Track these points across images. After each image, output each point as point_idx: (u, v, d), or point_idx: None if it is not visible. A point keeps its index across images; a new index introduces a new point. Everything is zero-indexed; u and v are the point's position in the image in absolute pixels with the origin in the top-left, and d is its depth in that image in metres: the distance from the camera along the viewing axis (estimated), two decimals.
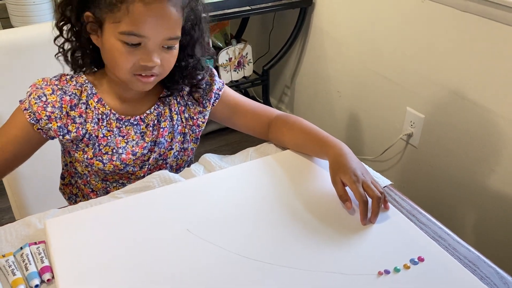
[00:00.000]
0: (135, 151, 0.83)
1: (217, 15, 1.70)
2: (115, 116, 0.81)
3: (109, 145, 0.81)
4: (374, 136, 1.74)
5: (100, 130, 0.80)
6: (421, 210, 0.76)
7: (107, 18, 0.72)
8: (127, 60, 0.72)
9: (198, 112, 0.87)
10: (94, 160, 0.81)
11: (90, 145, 0.80)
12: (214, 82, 0.88)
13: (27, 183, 1.03)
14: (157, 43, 0.72)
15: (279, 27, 2.12)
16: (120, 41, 0.71)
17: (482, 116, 1.30)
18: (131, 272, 0.62)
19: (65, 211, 0.74)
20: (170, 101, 0.85)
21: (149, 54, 0.72)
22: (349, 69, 1.77)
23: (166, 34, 0.72)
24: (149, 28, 0.70)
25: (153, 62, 0.73)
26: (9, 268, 0.63)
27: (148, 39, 0.71)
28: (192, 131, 0.88)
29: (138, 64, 0.73)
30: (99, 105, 0.80)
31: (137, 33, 0.70)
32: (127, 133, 0.82)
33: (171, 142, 0.86)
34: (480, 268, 0.64)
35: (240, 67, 1.98)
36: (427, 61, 1.43)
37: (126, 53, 0.72)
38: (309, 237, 0.68)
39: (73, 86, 0.79)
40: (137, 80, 0.75)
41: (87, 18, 0.74)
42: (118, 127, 0.81)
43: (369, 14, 1.61)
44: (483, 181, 1.34)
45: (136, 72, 0.74)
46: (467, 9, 1.26)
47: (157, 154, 0.85)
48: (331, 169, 0.76)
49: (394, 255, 0.65)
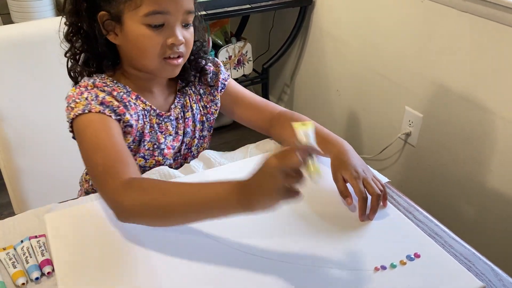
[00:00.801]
0: (173, 145, 0.85)
1: (217, 13, 1.70)
2: (155, 112, 0.81)
3: (151, 141, 0.82)
4: (372, 134, 1.74)
5: (145, 126, 0.80)
6: (418, 207, 0.76)
7: (125, 8, 0.72)
8: (155, 43, 0.73)
9: (210, 100, 0.89)
10: (137, 157, 0.81)
11: (136, 143, 0.81)
12: (220, 72, 0.90)
13: (27, 179, 1.03)
14: (178, 19, 0.73)
15: (279, 25, 2.13)
16: (144, 26, 0.72)
17: (480, 116, 1.31)
18: (131, 266, 0.62)
19: (66, 205, 0.75)
20: (187, 92, 0.87)
21: (174, 32, 0.73)
22: (349, 68, 1.78)
23: (185, 6, 0.73)
24: (169, 3, 0.71)
25: (179, 40, 0.73)
26: (10, 261, 0.63)
27: (171, 15, 0.72)
28: (207, 119, 0.90)
29: (165, 45, 0.73)
30: (139, 101, 0.80)
31: (160, 10, 0.71)
32: (165, 129, 0.83)
33: (194, 131, 0.88)
34: (475, 264, 0.65)
35: (239, 65, 1.99)
36: (426, 60, 1.43)
37: (153, 36, 0.72)
38: (307, 233, 0.68)
39: (116, 87, 0.77)
40: (166, 64, 0.75)
41: (101, 18, 0.73)
42: (158, 123, 0.82)
43: (369, 14, 1.62)
44: (480, 180, 1.35)
45: (165, 55, 0.74)
46: (467, 10, 1.26)
47: (185, 144, 0.87)
48: (332, 166, 0.77)
49: (390, 251, 0.65)
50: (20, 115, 1.00)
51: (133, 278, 0.61)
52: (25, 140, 1.02)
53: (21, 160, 1.02)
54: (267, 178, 0.55)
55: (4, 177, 1.04)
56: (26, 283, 0.61)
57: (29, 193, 1.06)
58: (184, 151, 0.89)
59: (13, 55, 0.99)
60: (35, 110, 1.03)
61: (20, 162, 1.02)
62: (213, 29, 1.93)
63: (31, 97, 1.02)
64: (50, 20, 1.09)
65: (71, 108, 0.73)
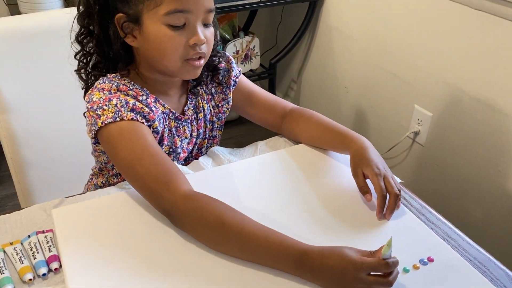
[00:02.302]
0: (188, 148, 0.84)
1: (226, 7, 1.68)
2: (174, 115, 0.80)
3: (168, 145, 0.81)
4: (380, 133, 1.73)
5: (165, 130, 0.79)
6: (431, 209, 0.75)
7: (144, 8, 0.69)
8: (176, 44, 0.71)
9: (222, 99, 0.88)
10: None
11: None
12: (232, 68, 0.88)
13: (33, 171, 1.03)
14: (199, 18, 0.71)
15: (287, 20, 2.11)
16: (165, 26, 0.70)
17: (490, 116, 1.29)
18: (138, 262, 0.62)
19: (73, 200, 0.74)
20: (198, 92, 0.85)
21: (195, 31, 0.71)
22: (357, 65, 1.76)
23: (206, 5, 0.71)
24: (190, 1, 0.69)
25: (201, 39, 0.71)
26: (17, 256, 0.62)
27: (192, 13, 0.70)
28: (217, 119, 0.89)
29: (187, 46, 0.71)
30: (158, 104, 0.78)
31: (181, 9, 0.69)
32: (182, 132, 0.82)
33: (205, 131, 0.87)
34: (490, 270, 0.64)
35: (247, 60, 1.97)
36: (437, 59, 1.41)
37: (174, 36, 0.70)
38: (318, 234, 0.67)
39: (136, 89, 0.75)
40: (188, 65, 0.73)
41: (119, 20, 0.71)
42: (175, 126, 0.81)
43: (379, 10, 1.60)
44: (490, 181, 1.33)
45: (187, 56, 0.72)
46: (481, 8, 1.24)
47: (196, 145, 0.86)
48: (353, 162, 0.76)
49: (403, 255, 0.64)
50: (27, 107, 1.00)
51: (141, 274, 0.60)
52: (32, 132, 1.01)
53: (28, 152, 1.02)
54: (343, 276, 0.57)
55: (10, 169, 1.03)
56: (33, 279, 0.60)
57: (35, 186, 1.05)
58: (195, 152, 0.88)
59: (20, 47, 0.98)
60: (42, 102, 1.02)
61: (27, 154, 1.02)
62: (221, 23, 1.91)
63: (38, 89, 1.01)
64: (58, 12, 1.08)
65: (98, 116, 0.70)
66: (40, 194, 1.05)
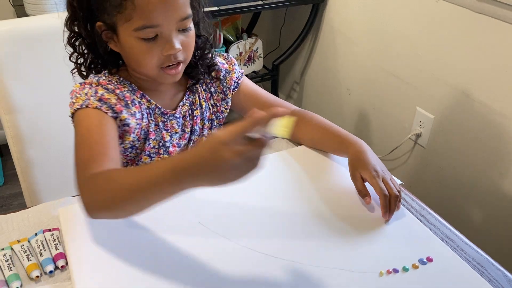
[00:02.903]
0: (179, 143, 0.84)
1: (230, 9, 1.70)
2: (160, 111, 0.81)
3: (156, 140, 0.82)
4: (382, 135, 1.74)
5: (150, 125, 0.80)
6: (430, 210, 0.76)
7: (118, 20, 0.71)
8: (150, 56, 0.72)
9: (221, 99, 0.88)
10: (143, 155, 0.82)
11: (142, 141, 0.81)
12: (234, 70, 0.89)
13: (39, 170, 1.04)
14: (172, 28, 0.71)
15: (291, 22, 2.12)
16: (137, 39, 0.70)
17: (492, 119, 1.30)
18: (143, 261, 0.63)
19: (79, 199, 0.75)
20: (197, 89, 0.86)
21: (169, 42, 0.71)
22: (360, 67, 1.77)
23: (177, 16, 0.71)
24: (160, 15, 0.69)
25: (175, 49, 0.71)
26: (24, 254, 0.64)
27: (162, 26, 0.70)
28: (216, 117, 0.90)
29: (162, 57, 0.72)
30: (144, 100, 0.80)
31: (150, 25, 0.69)
32: (171, 127, 0.83)
33: (203, 129, 0.88)
34: (488, 270, 0.65)
35: (250, 62, 1.98)
36: (439, 61, 1.42)
37: (147, 49, 0.71)
38: (319, 234, 0.68)
39: (120, 85, 0.78)
40: (165, 73, 0.74)
41: (99, 28, 0.73)
42: (163, 121, 0.82)
43: (382, 12, 1.61)
44: (491, 184, 1.34)
45: (163, 65, 0.73)
46: (482, 11, 1.25)
47: (192, 142, 0.87)
48: (351, 165, 0.77)
49: (403, 254, 0.65)
50: (34, 108, 1.01)
51: (146, 272, 0.61)
52: (38, 132, 1.03)
53: (34, 152, 1.03)
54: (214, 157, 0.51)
55: (17, 168, 1.05)
56: (40, 276, 0.62)
57: (41, 185, 1.06)
58: None
59: (28, 48, 0.99)
60: (49, 103, 1.03)
61: (33, 153, 1.03)
62: (224, 24, 1.92)
63: (45, 90, 1.03)
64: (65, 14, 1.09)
65: (72, 103, 0.74)
66: (46, 193, 1.07)
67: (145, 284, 0.60)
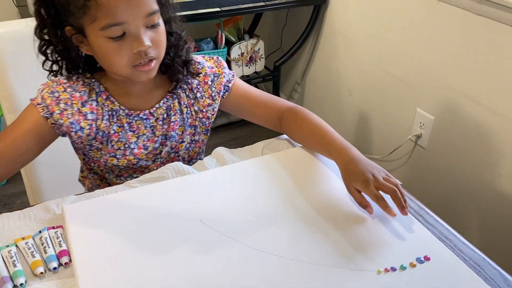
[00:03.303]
0: (146, 145, 0.84)
1: (231, 10, 1.71)
2: (124, 112, 0.81)
3: (121, 141, 0.82)
4: (382, 135, 1.75)
5: (111, 126, 0.81)
6: (428, 210, 0.77)
7: (84, 22, 0.70)
8: (120, 55, 0.71)
9: (208, 104, 0.87)
10: (108, 157, 0.83)
11: (104, 142, 0.82)
12: (223, 74, 0.87)
13: (44, 169, 1.05)
14: (139, 25, 0.70)
15: (292, 23, 2.13)
16: (105, 39, 0.70)
17: (492, 120, 1.31)
18: (145, 259, 0.64)
19: (82, 197, 0.77)
20: (179, 95, 0.85)
21: (137, 39, 0.71)
22: (361, 68, 1.78)
23: (143, 11, 0.70)
24: (124, 12, 0.68)
25: (145, 45, 0.71)
26: (29, 250, 0.65)
27: (128, 24, 0.70)
28: (202, 123, 0.88)
29: (132, 54, 0.72)
30: (108, 101, 0.80)
31: (115, 23, 0.69)
32: (137, 128, 0.83)
33: (182, 135, 0.87)
34: (484, 269, 0.66)
35: (252, 62, 1.99)
36: (439, 62, 1.43)
37: (116, 48, 0.71)
38: (318, 233, 0.69)
39: (81, 85, 0.79)
40: (138, 71, 0.74)
41: (69, 32, 0.73)
42: (128, 122, 0.82)
43: (383, 14, 1.62)
44: (490, 185, 1.35)
45: (135, 63, 0.73)
46: (482, 13, 1.26)
47: (168, 147, 0.86)
48: (344, 179, 0.75)
49: (400, 253, 0.66)
50: None
51: (148, 270, 0.62)
52: None
53: None
54: None
55: None
56: (44, 272, 0.63)
57: (44, 184, 1.08)
58: (171, 155, 0.88)
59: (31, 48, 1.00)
60: None
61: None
62: (226, 25, 1.94)
63: None
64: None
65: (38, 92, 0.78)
66: (49, 191, 1.08)
67: (147, 281, 0.61)
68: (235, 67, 1.95)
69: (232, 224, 0.70)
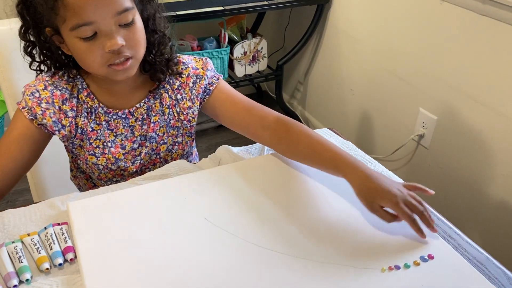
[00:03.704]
0: (124, 145, 0.83)
1: (234, 9, 1.71)
2: (103, 110, 0.80)
3: (99, 139, 0.82)
4: (385, 135, 1.75)
5: (89, 124, 0.80)
6: (432, 209, 0.77)
7: (58, 23, 0.70)
8: (94, 55, 0.71)
9: (188, 107, 0.84)
10: (88, 155, 0.83)
11: (84, 140, 0.82)
12: (205, 76, 0.84)
13: (47, 167, 1.06)
14: (109, 23, 0.69)
15: (295, 23, 2.13)
16: (77, 39, 0.70)
17: (495, 121, 1.31)
18: (149, 255, 0.64)
19: (87, 194, 0.77)
20: (161, 95, 0.83)
21: (109, 38, 0.69)
22: (363, 67, 1.78)
23: (111, 10, 0.68)
24: (91, 11, 0.67)
25: (117, 44, 0.69)
26: (34, 246, 0.65)
27: (98, 23, 0.68)
28: (184, 125, 0.86)
29: (105, 54, 0.70)
30: (89, 99, 0.80)
31: (83, 22, 0.68)
32: (115, 127, 0.82)
33: (163, 136, 0.85)
34: (488, 268, 0.66)
35: (254, 61, 2.00)
36: (443, 63, 1.43)
37: (88, 48, 0.70)
38: (323, 231, 0.70)
39: (65, 81, 0.79)
40: (114, 70, 0.73)
41: (49, 33, 0.73)
42: (106, 120, 0.81)
43: (386, 14, 1.62)
44: (493, 185, 1.35)
45: (109, 62, 0.72)
46: (486, 13, 1.26)
47: (149, 149, 0.85)
48: (362, 197, 0.70)
49: (405, 251, 0.66)
50: None
51: (152, 267, 0.63)
52: None
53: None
54: None
55: None
56: (50, 268, 0.63)
57: (49, 182, 1.08)
58: (153, 157, 0.86)
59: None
60: None
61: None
62: (229, 24, 1.94)
63: None
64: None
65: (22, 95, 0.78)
66: (53, 189, 1.08)
67: (151, 277, 0.61)
68: (237, 66, 1.95)
69: (236, 222, 0.70)
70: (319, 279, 0.62)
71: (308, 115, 2.23)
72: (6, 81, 0.99)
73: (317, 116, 2.17)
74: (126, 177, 0.86)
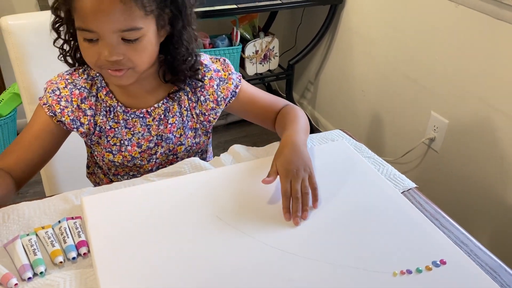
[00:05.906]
0: (140, 143, 0.84)
1: (247, 8, 1.71)
2: (121, 108, 0.82)
3: (116, 137, 0.83)
4: (396, 137, 1.74)
5: (108, 122, 0.82)
6: (444, 214, 0.77)
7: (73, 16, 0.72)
8: (90, 55, 0.73)
9: (211, 108, 0.87)
10: (104, 152, 0.84)
11: (102, 137, 0.83)
12: (231, 80, 0.87)
13: (61, 160, 1.06)
14: (111, 37, 0.70)
15: (307, 22, 2.12)
16: (81, 36, 0.72)
17: (507, 126, 1.29)
18: (162, 252, 0.65)
19: (100, 189, 0.77)
20: (180, 97, 0.85)
21: (107, 48, 0.71)
22: (375, 69, 1.78)
23: (114, 27, 0.69)
24: (93, 23, 0.69)
25: (111, 57, 0.71)
26: (48, 240, 0.66)
27: (98, 34, 0.70)
28: (203, 126, 0.88)
29: (100, 59, 0.72)
30: (107, 97, 0.81)
31: (86, 28, 0.70)
32: (133, 125, 0.83)
33: (180, 138, 0.87)
34: (501, 275, 0.66)
35: (266, 60, 1.99)
36: (456, 66, 1.42)
37: (88, 47, 0.72)
38: (335, 233, 0.70)
39: (84, 80, 0.81)
40: (108, 74, 0.75)
41: None
42: (124, 119, 0.83)
43: (400, 15, 1.61)
44: (504, 191, 1.34)
45: (103, 67, 0.74)
46: (503, 18, 1.25)
47: (165, 149, 0.86)
48: (275, 154, 0.78)
49: (417, 256, 0.66)
50: None
51: (164, 262, 0.63)
52: None
53: None
54: None
55: None
56: (63, 262, 0.64)
57: (60, 174, 1.09)
58: (170, 157, 0.88)
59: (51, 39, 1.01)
60: None
61: None
62: (241, 22, 1.94)
63: None
64: None
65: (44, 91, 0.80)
66: (65, 182, 1.09)
67: (164, 273, 0.62)
68: (249, 65, 1.95)
69: (249, 221, 0.70)
70: (329, 281, 0.62)
71: (318, 115, 2.23)
72: (22, 74, 1.00)
73: (327, 116, 2.17)
74: (142, 173, 0.87)
